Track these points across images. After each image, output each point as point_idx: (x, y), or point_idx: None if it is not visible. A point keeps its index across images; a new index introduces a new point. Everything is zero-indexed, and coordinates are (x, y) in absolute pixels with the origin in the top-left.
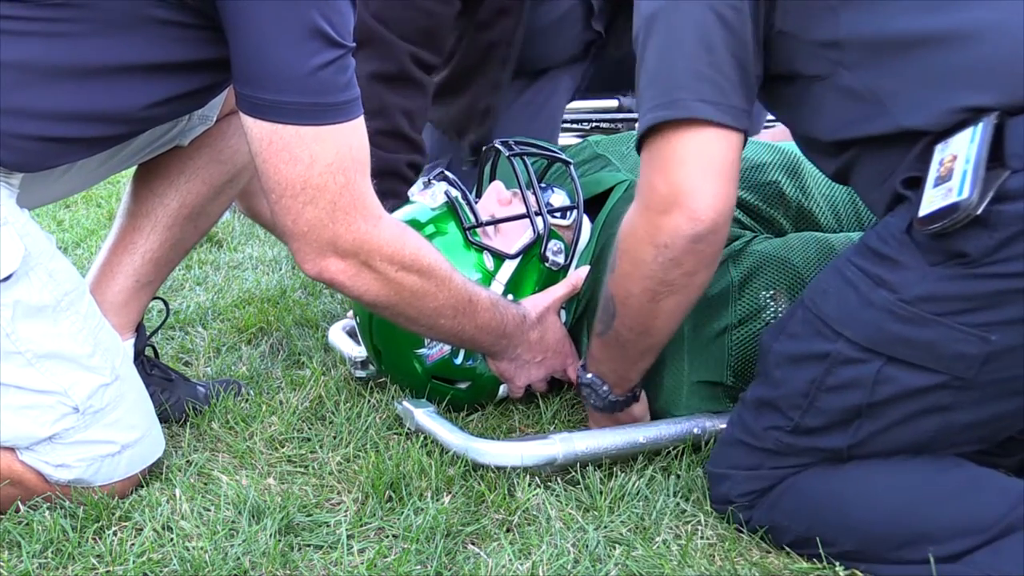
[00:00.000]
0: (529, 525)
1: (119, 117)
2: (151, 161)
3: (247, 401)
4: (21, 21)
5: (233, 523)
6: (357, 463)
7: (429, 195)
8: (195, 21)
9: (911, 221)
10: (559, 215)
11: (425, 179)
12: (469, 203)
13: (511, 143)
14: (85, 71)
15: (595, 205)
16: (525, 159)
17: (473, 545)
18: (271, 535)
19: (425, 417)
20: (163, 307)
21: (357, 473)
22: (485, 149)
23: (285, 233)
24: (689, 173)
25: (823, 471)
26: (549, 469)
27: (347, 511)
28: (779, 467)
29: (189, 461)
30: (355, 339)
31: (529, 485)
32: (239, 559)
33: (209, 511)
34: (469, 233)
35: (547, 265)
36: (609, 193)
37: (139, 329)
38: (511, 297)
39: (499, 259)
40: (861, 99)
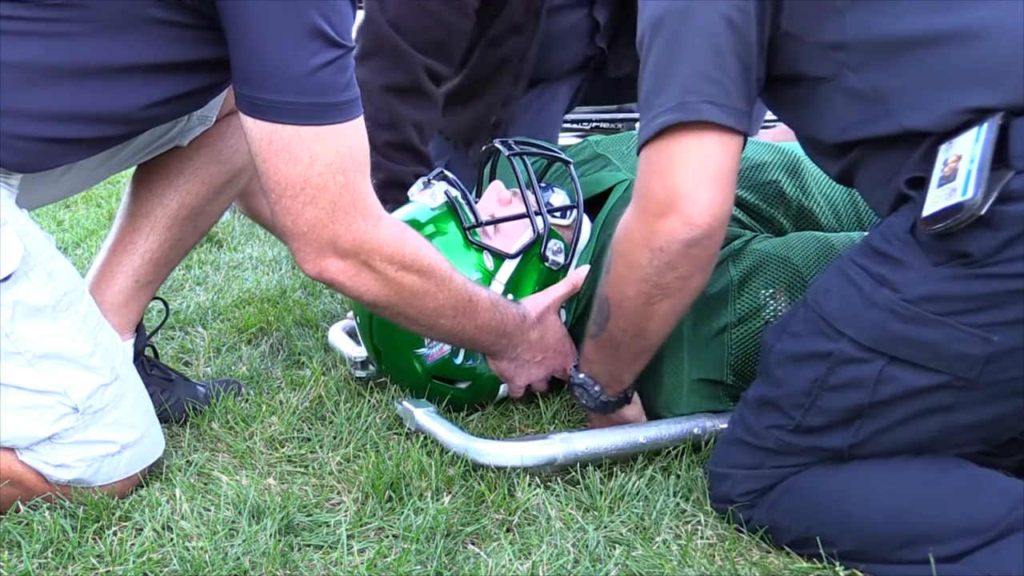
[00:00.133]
0: (529, 525)
1: (118, 117)
2: (151, 161)
3: (247, 401)
4: (20, 21)
5: (233, 523)
6: (357, 463)
7: (429, 195)
8: (194, 21)
9: (915, 221)
10: (559, 215)
11: (425, 179)
12: (469, 203)
13: (510, 143)
14: (85, 71)
15: (595, 205)
16: (525, 159)
17: (473, 545)
18: (271, 535)
19: (425, 417)
20: (163, 307)
21: (357, 473)
22: (485, 149)
23: (285, 233)
24: (687, 178)
25: (824, 471)
26: (549, 469)
27: (347, 511)
28: (780, 466)
29: (189, 461)
30: (355, 339)
31: (529, 485)
32: (239, 559)
33: (209, 511)
34: (469, 233)
35: (547, 265)
36: (609, 193)
37: (139, 329)
38: (511, 297)
39: (499, 259)
40: (866, 100)
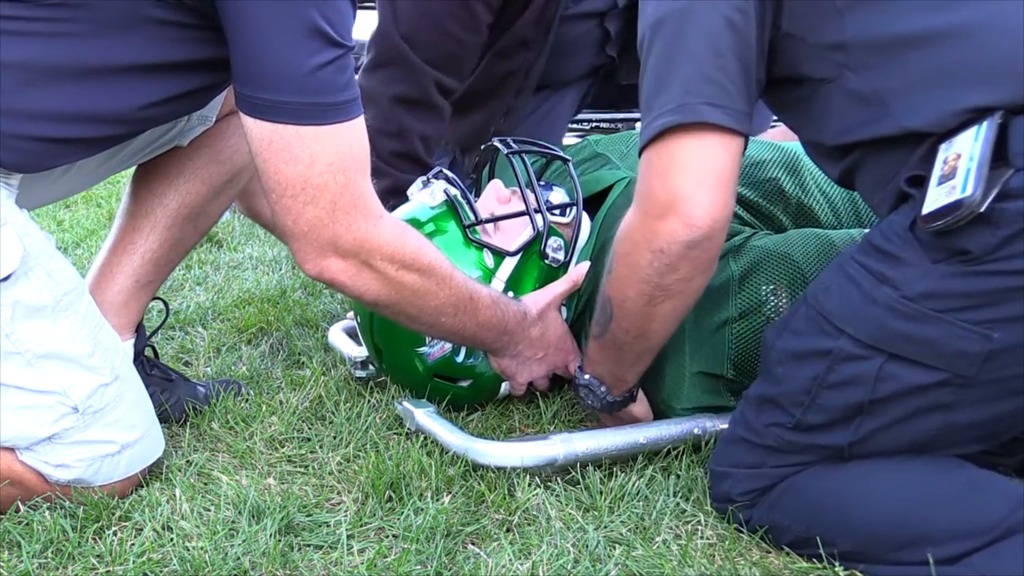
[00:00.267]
0: (529, 525)
1: (118, 117)
2: (151, 161)
3: (247, 401)
4: (20, 21)
5: (233, 523)
6: (357, 463)
7: (428, 193)
8: (194, 21)
9: (914, 218)
10: (558, 212)
11: (424, 178)
12: (468, 201)
13: (509, 141)
14: (84, 71)
15: (595, 203)
16: (524, 157)
17: (473, 545)
18: (271, 535)
19: (425, 417)
20: (163, 307)
21: (357, 473)
22: (484, 148)
23: (285, 233)
24: (687, 180)
25: (824, 471)
26: (549, 470)
27: (347, 511)
28: (780, 465)
29: (189, 461)
30: (355, 339)
31: (529, 485)
32: (239, 559)
33: (209, 511)
34: (469, 231)
35: (547, 262)
36: (608, 191)
37: (139, 329)
38: (512, 294)
39: (499, 256)
40: (866, 102)
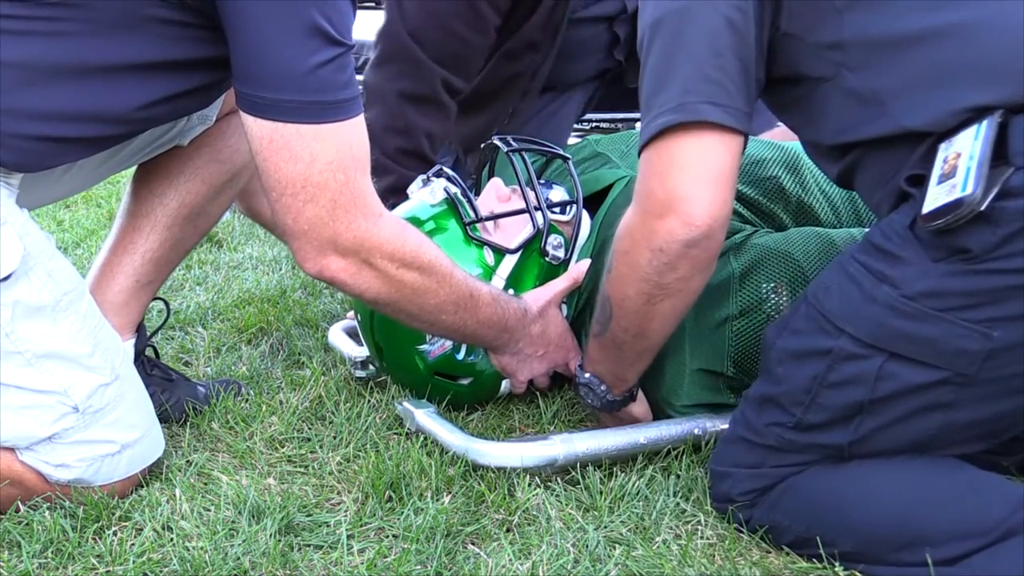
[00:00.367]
0: (529, 525)
1: (118, 117)
2: (151, 161)
3: (247, 401)
4: (20, 20)
5: (233, 523)
6: (357, 463)
7: (428, 192)
8: (195, 20)
9: (914, 217)
10: (558, 210)
11: (424, 176)
12: (469, 199)
13: (509, 139)
14: (84, 70)
15: (595, 202)
16: (524, 155)
17: (473, 545)
18: (271, 535)
19: (425, 418)
20: (163, 307)
21: (357, 473)
22: (484, 146)
23: (285, 232)
24: (687, 179)
25: (824, 471)
26: (550, 470)
27: (347, 511)
28: (781, 465)
29: (189, 461)
30: (355, 339)
31: (529, 485)
32: (239, 559)
33: (209, 511)
34: (469, 228)
35: (547, 260)
36: (608, 189)
37: (140, 329)
38: (512, 292)
39: (499, 254)
40: (864, 101)
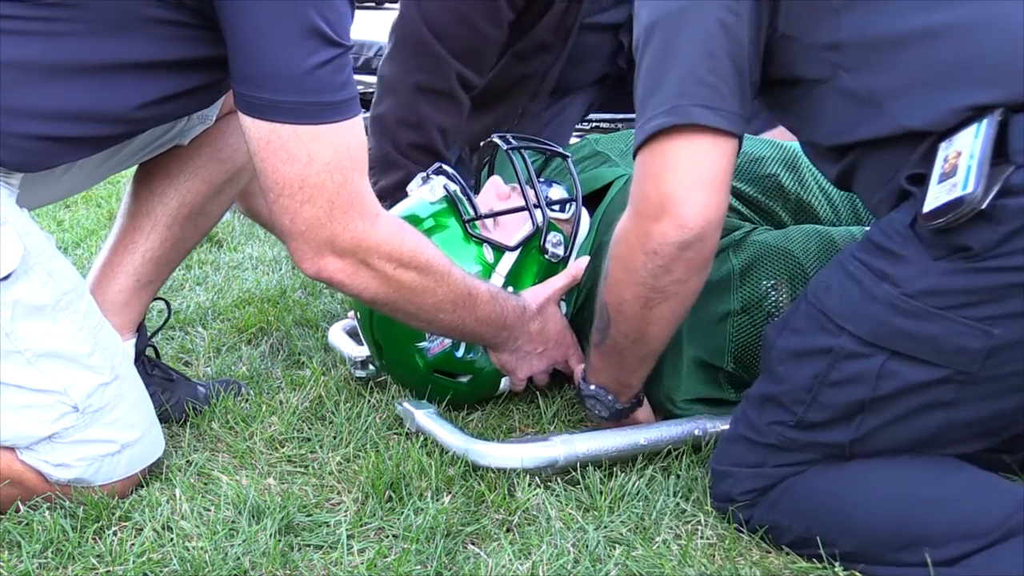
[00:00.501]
0: (529, 525)
1: (118, 116)
2: (151, 161)
3: (247, 401)
4: (19, 20)
5: (233, 523)
6: (357, 463)
7: (428, 189)
8: (193, 20)
9: (915, 216)
10: (558, 208)
11: (423, 174)
12: (468, 196)
13: (508, 137)
14: (83, 69)
15: (594, 201)
16: (523, 153)
17: (473, 545)
18: (271, 535)
19: (425, 418)
20: (164, 307)
21: (357, 473)
22: (483, 145)
23: (283, 232)
24: (679, 181)
25: (824, 471)
26: (550, 471)
27: (347, 511)
28: (781, 464)
29: (189, 461)
30: (355, 339)
31: (529, 485)
32: (239, 559)
33: (209, 511)
34: (468, 226)
35: (547, 257)
36: (608, 188)
37: (140, 329)
38: (511, 289)
39: (499, 251)
40: (861, 102)
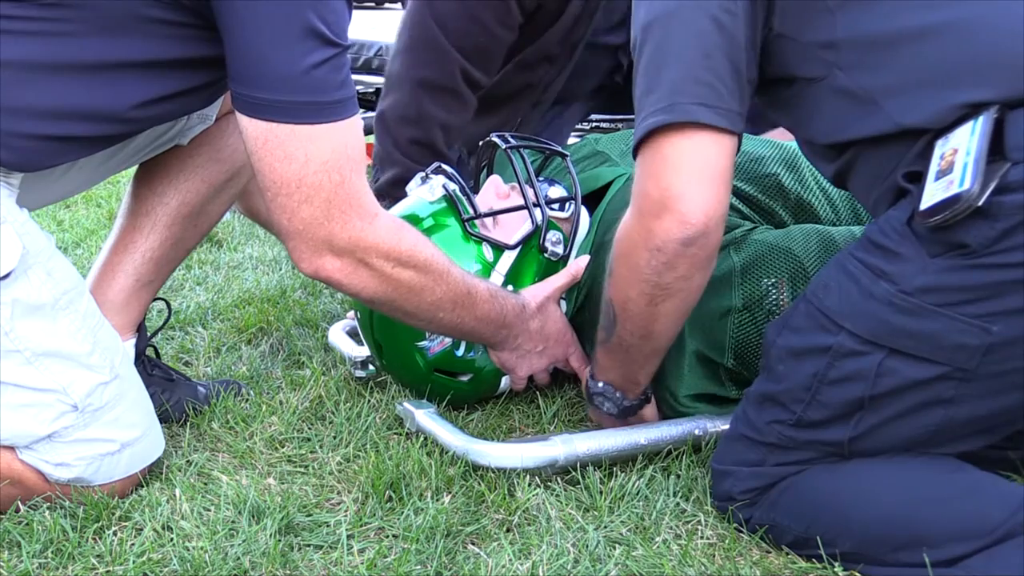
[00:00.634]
0: (529, 525)
1: (116, 115)
2: (151, 160)
3: (247, 401)
4: (18, 20)
5: (233, 523)
6: (357, 463)
7: (427, 189)
8: (191, 20)
9: (912, 213)
10: (557, 207)
11: (423, 173)
12: (467, 195)
13: (508, 137)
14: (83, 68)
15: (594, 200)
16: (523, 152)
17: (473, 545)
18: (271, 535)
19: (426, 418)
20: (164, 307)
21: (357, 473)
22: (482, 144)
23: (281, 231)
24: (680, 178)
25: (823, 471)
26: (550, 470)
27: (347, 511)
28: (781, 463)
29: (189, 461)
30: (355, 339)
31: (529, 485)
32: (239, 559)
33: (209, 511)
34: (468, 225)
35: (546, 256)
36: (608, 187)
37: (140, 329)
38: (511, 288)
39: (498, 250)
40: (857, 100)
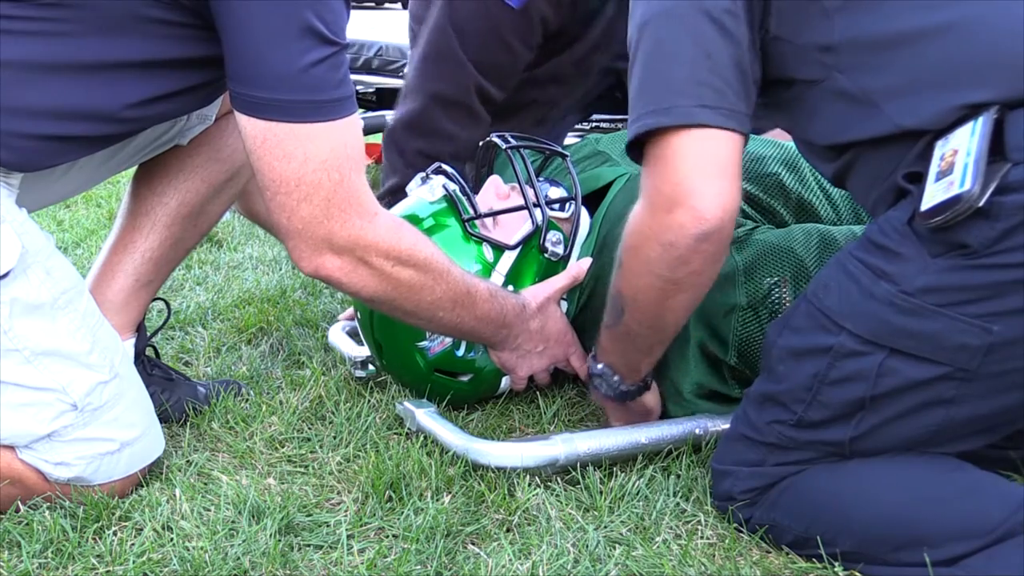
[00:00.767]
0: (529, 525)
1: (115, 115)
2: (151, 161)
3: (247, 401)
4: (17, 20)
5: (233, 523)
6: (357, 463)
7: (427, 189)
8: (189, 20)
9: (913, 213)
10: (557, 207)
11: (423, 173)
12: (468, 196)
13: (508, 137)
14: (82, 68)
15: (595, 200)
16: (523, 153)
17: (473, 545)
18: (271, 535)
19: (426, 417)
20: (163, 307)
21: (357, 473)
22: (483, 144)
23: (280, 230)
24: (692, 171)
25: (823, 470)
26: (550, 470)
27: (347, 511)
28: (781, 463)
29: (189, 461)
30: (355, 339)
31: (529, 485)
32: (239, 559)
33: (209, 511)
34: (468, 225)
35: (546, 256)
36: (608, 187)
37: (140, 329)
38: (511, 288)
39: (499, 250)
40: (856, 102)
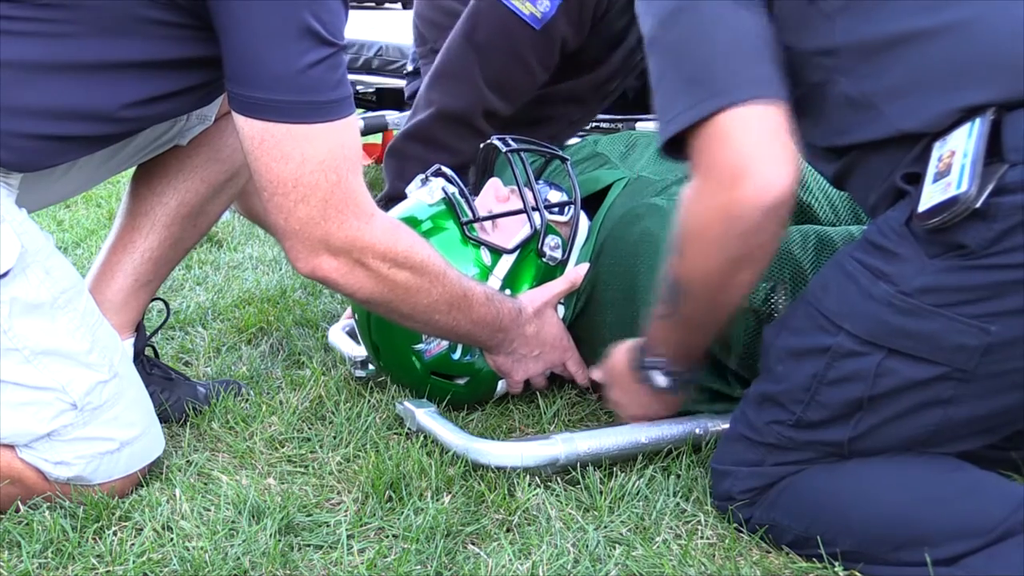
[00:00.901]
0: (529, 525)
1: (114, 115)
2: (151, 161)
3: (247, 401)
4: (16, 21)
5: (233, 523)
6: (357, 463)
7: (426, 191)
8: (188, 21)
9: (911, 214)
10: (556, 211)
11: (422, 176)
12: (467, 199)
13: (508, 139)
14: (80, 69)
15: (594, 203)
16: (522, 156)
17: (473, 545)
18: (271, 535)
19: (426, 417)
20: (163, 307)
21: (357, 473)
22: (483, 146)
23: (277, 231)
24: (753, 145)
25: (823, 470)
26: (550, 470)
27: (347, 511)
28: (781, 463)
29: (189, 461)
30: (355, 339)
31: (529, 485)
32: (239, 559)
33: (209, 511)
34: (466, 228)
35: (544, 260)
36: (607, 191)
37: (139, 329)
38: (508, 292)
39: (496, 254)
40: (856, 105)
